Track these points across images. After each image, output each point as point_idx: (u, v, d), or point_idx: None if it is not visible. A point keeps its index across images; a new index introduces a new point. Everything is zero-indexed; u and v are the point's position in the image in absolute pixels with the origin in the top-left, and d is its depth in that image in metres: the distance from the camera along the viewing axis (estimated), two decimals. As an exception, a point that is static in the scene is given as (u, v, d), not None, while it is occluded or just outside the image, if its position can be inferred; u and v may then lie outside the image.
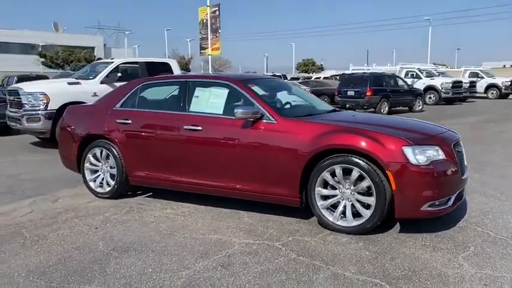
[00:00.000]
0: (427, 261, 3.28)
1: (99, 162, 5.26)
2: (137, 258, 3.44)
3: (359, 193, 3.83)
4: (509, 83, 28.87)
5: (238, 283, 2.99)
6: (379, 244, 3.64)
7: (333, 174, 3.90)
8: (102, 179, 5.25)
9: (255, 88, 4.57)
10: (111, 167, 5.16)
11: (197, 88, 4.78)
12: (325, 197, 3.98)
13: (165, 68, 10.62)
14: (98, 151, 5.21)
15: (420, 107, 18.59)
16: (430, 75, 24.20)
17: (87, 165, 5.31)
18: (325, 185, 3.97)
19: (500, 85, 28.47)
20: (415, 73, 24.01)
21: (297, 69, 55.72)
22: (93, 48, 50.37)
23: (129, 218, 4.46)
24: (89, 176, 5.32)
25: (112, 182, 5.15)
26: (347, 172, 3.85)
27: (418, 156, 3.65)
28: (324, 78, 30.95)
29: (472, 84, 25.64)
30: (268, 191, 4.19)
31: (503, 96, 28.37)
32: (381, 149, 3.68)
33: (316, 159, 3.95)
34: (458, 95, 23.19)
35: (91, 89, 9.34)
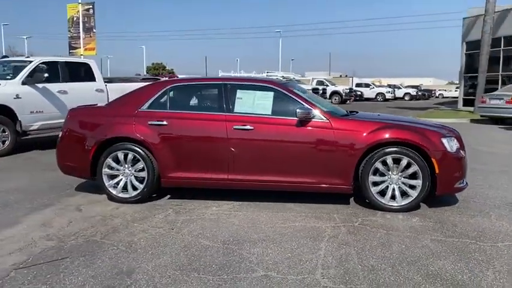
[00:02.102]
0: (478, 224, 4.29)
1: (120, 166, 5.07)
2: (262, 247, 3.68)
3: (405, 177, 4.68)
4: (348, 91, 33.69)
5: (386, 254, 3.53)
6: (431, 217, 4.53)
7: (384, 163, 4.67)
8: (125, 183, 5.07)
9: (296, 91, 5.07)
10: (137, 170, 5.03)
11: (238, 90, 5.04)
12: (375, 183, 4.72)
13: (85, 67, 10.08)
14: (120, 154, 5.02)
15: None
16: (291, 82, 26.81)
17: (105, 170, 5.06)
18: (375, 172, 4.71)
19: (342, 92, 33.02)
20: (279, 80, 26.33)
21: (148, 73, 54.77)
22: None
23: (189, 218, 4.51)
24: (107, 181, 5.08)
25: (140, 186, 5.03)
26: (395, 161, 4.66)
27: (450, 145, 4.68)
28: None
29: (324, 91, 29.23)
30: (324, 181, 4.75)
31: (343, 101, 32.90)
32: (427, 141, 4.60)
33: (367, 151, 4.67)
34: (316, 100, 26.20)
35: (13, 90, 8.38)
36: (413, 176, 4.65)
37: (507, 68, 23.05)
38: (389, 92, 40.76)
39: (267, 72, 28.02)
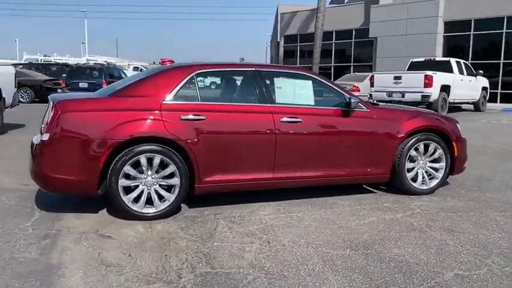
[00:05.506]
0: (501, 198, 4.89)
1: (140, 173, 3.99)
2: (397, 247, 3.45)
3: (430, 162, 4.99)
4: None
5: (496, 234, 3.72)
6: (457, 198, 4.87)
7: (416, 150, 4.88)
8: (149, 194, 4.02)
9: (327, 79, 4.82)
10: (163, 177, 4.04)
11: (275, 78, 4.51)
12: (408, 170, 4.90)
13: None
14: (143, 159, 3.94)
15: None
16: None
17: (122, 180, 3.90)
18: (408, 158, 4.88)
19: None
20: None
21: None
22: None
23: (260, 227, 3.87)
24: (124, 195, 3.93)
25: (172, 196, 4.06)
26: (424, 147, 4.92)
27: (460, 130, 5.19)
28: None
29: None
30: (368, 172, 4.70)
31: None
32: (449, 127, 5.00)
33: (404, 139, 4.80)
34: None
35: None
36: (437, 159, 5.00)
37: (305, 61, 26.00)
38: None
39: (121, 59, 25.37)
